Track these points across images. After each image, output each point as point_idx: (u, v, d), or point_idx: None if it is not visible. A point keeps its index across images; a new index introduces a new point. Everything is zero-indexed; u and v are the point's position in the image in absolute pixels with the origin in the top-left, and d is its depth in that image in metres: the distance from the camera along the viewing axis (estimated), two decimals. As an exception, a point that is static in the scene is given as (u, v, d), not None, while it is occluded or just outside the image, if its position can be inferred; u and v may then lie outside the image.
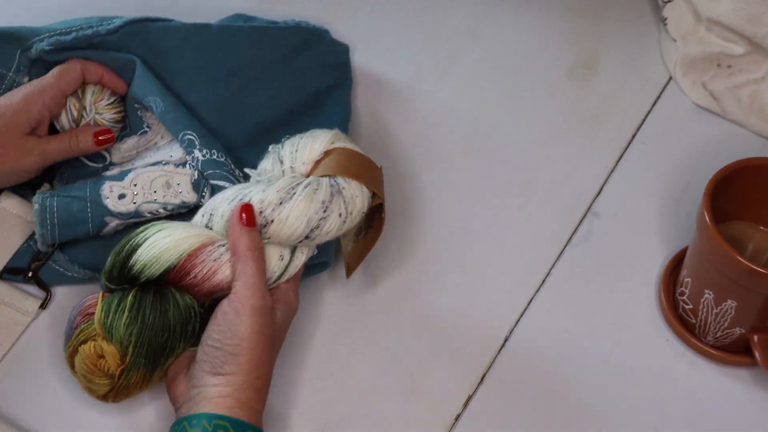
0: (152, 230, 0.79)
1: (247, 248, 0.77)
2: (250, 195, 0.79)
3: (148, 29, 0.93)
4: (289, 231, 0.79)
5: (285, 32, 0.97)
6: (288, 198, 0.78)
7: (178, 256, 0.78)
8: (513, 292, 0.89)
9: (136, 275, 0.78)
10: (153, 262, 0.77)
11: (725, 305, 0.81)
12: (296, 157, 0.83)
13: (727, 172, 0.82)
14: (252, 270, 0.76)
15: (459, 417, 0.83)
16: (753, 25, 0.94)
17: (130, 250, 0.78)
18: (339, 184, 0.81)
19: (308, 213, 0.79)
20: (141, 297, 0.77)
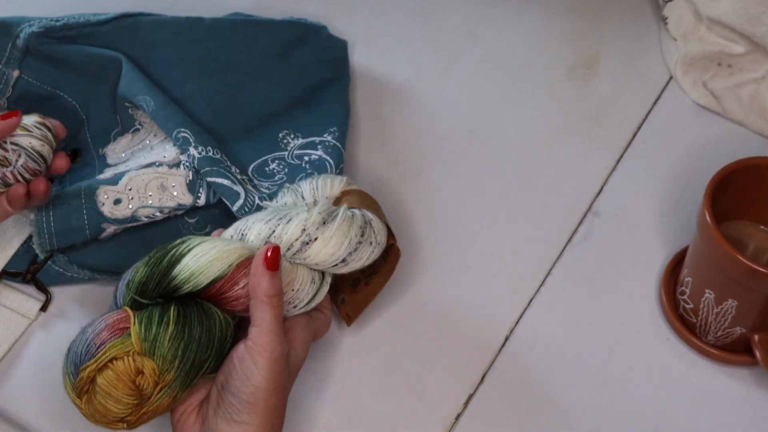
0: (195, 241, 0.75)
1: (266, 294, 0.73)
2: (290, 215, 0.78)
3: (140, 22, 0.93)
4: (332, 250, 0.78)
5: (281, 26, 0.97)
6: (330, 219, 0.78)
7: (228, 266, 0.74)
8: (513, 292, 0.89)
9: (177, 287, 0.74)
10: (201, 272, 0.74)
11: (726, 305, 0.81)
12: (318, 193, 0.83)
13: (728, 172, 0.82)
14: (270, 316, 0.73)
15: (459, 416, 0.83)
16: (753, 25, 0.94)
17: (172, 261, 0.74)
18: (367, 215, 0.81)
19: (349, 235, 0.78)
20: (185, 310, 0.73)
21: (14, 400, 0.83)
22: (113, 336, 0.71)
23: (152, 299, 0.74)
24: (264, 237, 0.77)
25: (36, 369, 0.84)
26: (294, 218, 0.78)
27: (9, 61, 0.91)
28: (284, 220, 0.78)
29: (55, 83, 0.93)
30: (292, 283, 0.77)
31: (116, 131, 0.93)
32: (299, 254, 0.77)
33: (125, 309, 0.73)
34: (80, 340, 0.72)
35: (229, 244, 0.76)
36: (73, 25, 0.92)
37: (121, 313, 0.73)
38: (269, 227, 0.77)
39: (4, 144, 0.80)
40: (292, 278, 0.77)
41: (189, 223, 0.88)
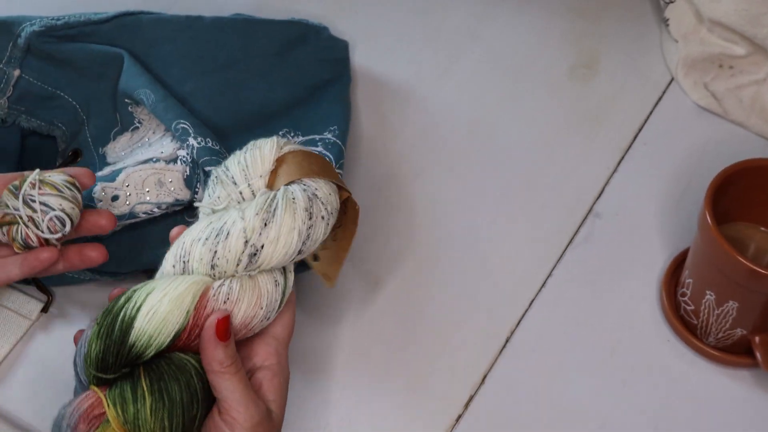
0: (140, 295, 0.68)
1: (223, 365, 0.67)
2: (226, 228, 0.71)
3: (141, 21, 0.93)
4: (284, 251, 0.72)
5: (282, 25, 0.97)
6: (271, 217, 0.71)
7: (186, 314, 0.68)
8: (514, 293, 0.89)
9: (139, 354, 0.67)
10: (160, 331, 0.68)
11: (727, 306, 0.81)
12: (249, 173, 0.75)
13: (729, 173, 0.82)
14: (235, 384, 0.67)
15: (460, 418, 0.83)
16: (754, 26, 0.94)
17: (124, 327, 0.67)
18: (310, 186, 0.74)
19: (296, 225, 0.72)
20: (155, 374, 0.67)
21: (15, 400, 0.83)
22: (91, 427, 0.66)
23: (116, 371, 0.68)
24: (207, 262, 0.71)
25: (37, 370, 0.84)
26: (231, 229, 0.71)
27: (10, 61, 0.91)
28: (222, 235, 0.71)
29: (56, 83, 0.92)
30: (259, 301, 0.71)
31: (116, 130, 0.93)
32: (250, 266, 0.71)
33: (93, 390, 0.67)
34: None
35: (177, 285, 0.69)
36: (74, 24, 0.92)
37: (90, 397, 0.67)
38: (209, 249, 0.71)
39: (33, 203, 0.76)
40: (256, 295, 0.71)
41: (189, 222, 0.88)
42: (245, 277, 0.72)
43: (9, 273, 0.76)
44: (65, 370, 0.83)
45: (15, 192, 0.76)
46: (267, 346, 0.72)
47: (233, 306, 0.70)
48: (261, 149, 0.76)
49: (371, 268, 0.89)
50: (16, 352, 0.85)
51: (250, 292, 0.71)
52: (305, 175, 0.75)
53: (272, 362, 0.72)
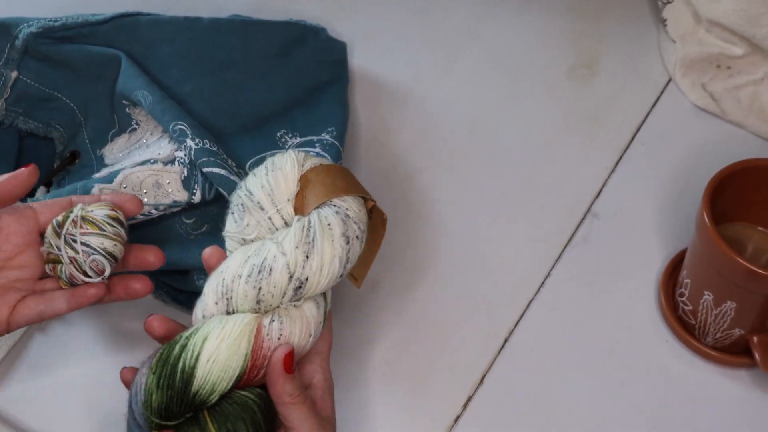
0: (196, 342, 0.68)
1: (292, 396, 0.69)
2: (268, 264, 0.71)
3: (139, 22, 0.93)
4: (327, 279, 0.72)
5: (280, 27, 0.97)
6: (311, 249, 0.71)
7: (245, 358, 0.69)
8: (513, 293, 0.89)
9: (204, 401, 0.68)
10: (222, 378, 0.68)
11: (725, 306, 0.81)
12: (274, 197, 0.74)
13: (727, 173, 0.82)
14: (306, 413, 0.69)
15: (459, 418, 0.83)
16: (752, 26, 0.94)
17: (186, 377, 0.67)
18: (341, 208, 0.73)
19: (337, 253, 0.72)
20: (221, 417, 0.68)
21: (14, 402, 0.83)
22: None
23: (180, 418, 0.68)
24: (252, 298, 0.71)
25: (35, 371, 0.84)
26: (273, 265, 0.71)
27: (7, 62, 0.91)
28: (265, 271, 0.70)
29: (54, 85, 0.92)
30: (307, 329, 0.72)
31: (113, 132, 0.93)
32: (295, 297, 0.72)
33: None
34: None
35: (231, 328, 0.69)
36: (72, 25, 0.92)
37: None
38: (253, 286, 0.71)
39: (74, 243, 0.75)
40: (304, 324, 0.72)
41: (186, 224, 0.88)
42: (291, 307, 0.72)
43: (56, 308, 0.76)
44: (64, 371, 0.84)
45: (57, 230, 0.76)
46: (311, 364, 0.73)
47: (287, 342, 0.70)
48: (283, 170, 0.75)
49: (371, 269, 0.89)
50: (14, 353, 0.85)
51: (298, 322, 0.71)
52: (333, 194, 0.74)
53: (319, 378, 0.73)
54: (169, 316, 0.76)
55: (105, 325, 0.87)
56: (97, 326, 0.86)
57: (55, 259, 0.76)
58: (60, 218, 0.76)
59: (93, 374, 0.84)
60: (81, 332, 0.86)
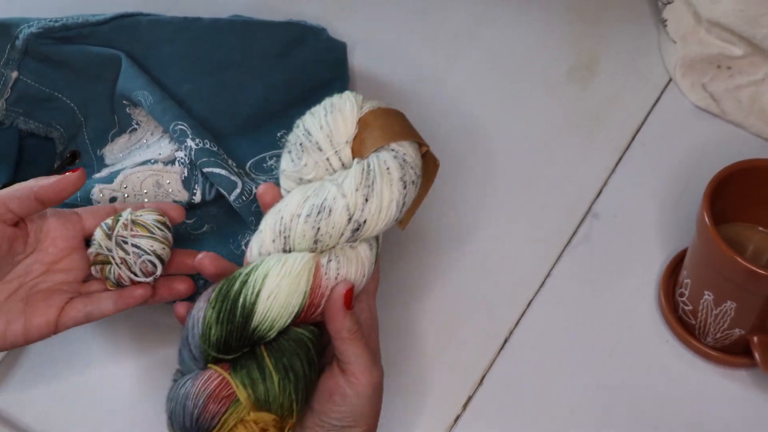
0: (257, 278, 0.70)
1: (350, 331, 0.71)
2: (328, 204, 0.72)
3: (139, 22, 0.93)
4: (384, 222, 0.73)
5: (280, 27, 0.97)
6: (371, 192, 0.72)
7: (303, 295, 0.70)
8: (513, 293, 0.89)
9: (262, 336, 0.70)
10: (281, 314, 0.70)
11: (725, 306, 0.81)
12: (334, 139, 0.75)
13: (727, 174, 0.82)
14: (362, 349, 0.72)
15: (459, 418, 0.83)
16: (752, 27, 0.94)
17: (246, 313, 0.69)
18: (399, 152, 0.74)
19: (395, 197, 0.73)
20: (277, 352, 0.70)
21: (14, 402, 0.83)
22: (222, 407, 0.68)
23: (237, 352, 0.70)
24: (310, 238, 0.72)
25: (36, 371, 0.84)
26: (333, 206, 0.72)
27: (8, 63, 0.91)
28: (324, 212, 0.72)
29: (54, 85, 0.93)
30: (362, 269, 0.73)
31: (114, 132, 0.93)
32: (352, 239, 0.73)
33: (215, 369, 0.69)
34: (183, 412, 0.69)
35: (291, 265, 0.71)
36: (72, 26, 0.92)
37: (213, 377, 0.69)
38: (311, 226, 0.72)
39: (125, 245, 0.76)
40: (360, 264, 0.73)
41: (187, 224, 0.88)
42: (347, 247, 0.73)
43: (103, 309, 0.77)
44: (64, 371, 0.84)
45: (108, 232, 0.77)
46: (359, 302, 0.75)
47: (343, 279, 0.72)
48: (342, 111, 0.75)
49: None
50: (14, 353, 0.85)
51: (354, 262, 0.73)
52: (390, 139, 0.75)
53: (366, 316, 0.75)
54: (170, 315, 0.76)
55: (106, 325, 0.86)
56: (97, 327, 0.86)
57: (103, 260, 0.77)
58: (110, 221, 0.77)
59: (94, 375, 0.84)
60: (82, 333, 0.86)
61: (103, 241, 0.77)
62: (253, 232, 0.84)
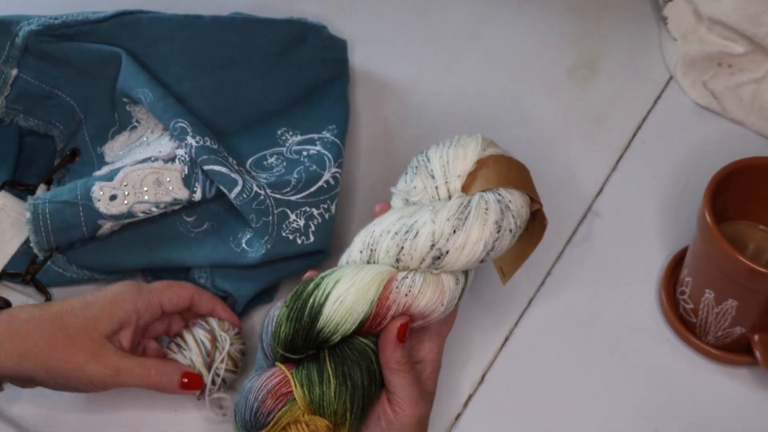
0: (328, 283, 0.72)
1: (399, 363, 0.73)
2: (417, 227, 0.73)
3: (139, 20, 0.93)
4: (467, 258, 0.74)
5: (281, 25, 0.97)
6: (461, 225, 0.73)
7: (370, 305, 0.72)
8: (513, 291, 0.89)
9: (326, 339, 0.72)
10: (346, 320, 0.72)
11: (726, 305, 0.81)
12: (449, 170, 0.77)
13: (728, 172, 0.82)
14: (408, 381, 0.73)
15: (459, 416, 0.83)
16: (753, 25, 0.94)
17: (314, 313, 0.71)
18: (504, 198, 0.75)
19: (484, 237, 0.73)
20: (339, 359, 0.72)
21: (15, 401, 0.83)
22: (278, 403, 0.71)
23: (303, 353, 0.72)
24: (393, 255, 0.73)
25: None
26: (421, 230, 0.73)
27: (8, 60, 0.91)
28: (411, 233, 0.73)
29: (54, 82, 0.92)
30: (441, 297, 0.74)
31: (114, 129, 0.93)
32: (433, 266, 0.74)
33: (280, 368, 0.72)
34: (245, 405, 0.71)
35: (363, 275, 0.73)
36: (72, 23, 0.92)
37: (277, 375, 0.71)
38: (396, 243, 0.73)
39: (216, 377, 0.80)
40: (439, 291, 0.74)
41: (187, 222, 0.88)
42: (429, 272, 0.74)
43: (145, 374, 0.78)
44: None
45: (206, 358, 0.80)
46: (431, 342, 0.77)
47: (414, 299, 0.73)
48: (465, 147, 0.77)
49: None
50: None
51: (433, 287, 0.74)
52: (503, 184, 0.76)
53: (433, 357, 0.77)
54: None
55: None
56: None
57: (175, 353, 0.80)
58: (208, 345, 0.80)
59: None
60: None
61: (197, 360, 0.79)
62: (253, 229, 0.84)
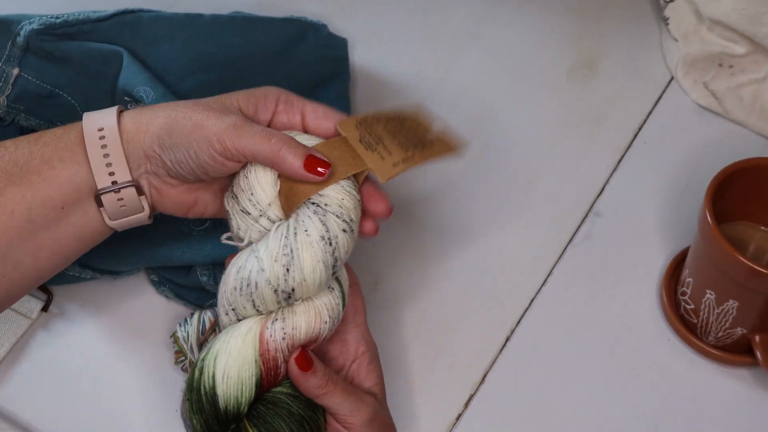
0: (209, 363, 0.70)
1: (320, 388, 0.71)
2: (253, 278, 0.70)
3: (140, 19, 0.93)
4: (316, 284, 0.70)
5: (281, 24, 0.97)
6: (290, 260, 0.69)
7: (255, 364, 0.70)
8: (514, 292, 0.89)
9: (238, 413, 0.70)
10: (241, 390, 0.70)
11: (727, 305, 0.81)
12: (257, 201, 0.72)
13: (729, 173, 0.82)
14: (339, 397, 0.71)
15: (460, 417, 0.83)
16: (754, 25, 0.94)
17: (211, 399, 0.69)
18: (319, 205, 0.70)
19: (319, 258, 0.69)
20: (259, 421, 0.70)
21: (15, 400, 0.83)
22: None
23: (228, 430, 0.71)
24: (251, 308, 0.71)
25: (37, 369, 0.84)
26: (258, 280, 0.70)
27: (9, 59, 0.91)
28: (252, 286, 0.70)
29: (55, 82, 0.92)
30: (319, 318, 0.71)
31: None
32: (291, 302, 0.71)
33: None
34: None
35: (234, 342, 0.70)
36: (73, 22, 0.91)
37: None
38: (246, 299, 0.71)
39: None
40: (313, 314, 0.71)
41: (188, 220, 0.88)
42: (294, 306, 0.71)
43: None
44: (65, 368, 0.83)
45: (200, 326, 0.79)
46: (354, 337, 0.75)
47: (293, 338, 0.71)
48: (256, 177, 0.72)
49: (371, 268, 0.89)
50: (16, 350, 0.85)
51: (304, 316, 0.71)
52: (307, 193, 0.71)
53: (364, 349, 0.75)
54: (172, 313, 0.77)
55: (106, 321, 0.86)
56: (98, 323, 0.86)
57: (181, 355, 0.80)
58: (207, 325, 0.79)
59: (94, 371, 0.84)
60: (82, 329, 0.86)
61: (192, 334, 0.79)
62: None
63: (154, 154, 0.72)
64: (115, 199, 0.72)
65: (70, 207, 0.72)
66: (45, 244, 0.72)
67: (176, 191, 0.74)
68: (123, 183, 0.72)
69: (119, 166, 0.72)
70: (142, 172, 0.73)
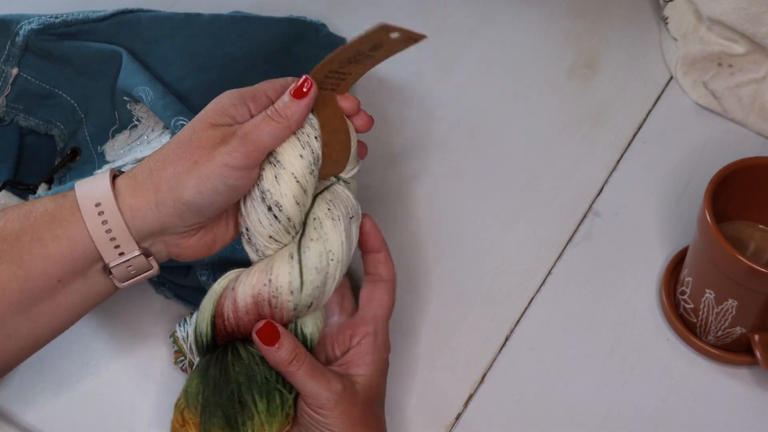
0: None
1: (284, 364, 0.72)
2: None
3: (139, 18, 0.93)
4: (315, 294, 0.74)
5: (280, 23, 0.97)
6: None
7: (213, 305, 0.74)
8: (514, 291, 0.89)
9: (209, 340, 0.75)
10: (203, 319, 0.74)
11: (726, 305, 0.81)
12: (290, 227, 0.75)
13: (728, 172, 0.82)
14: (302, 377, 0.72)
15: (460, 416, 0.83)
16: (753, 25, 0.94)
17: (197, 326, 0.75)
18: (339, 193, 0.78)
19: (340, 237, 0.74)
20: (209, 359, 0.74)
21: (15, 400, 0.83)
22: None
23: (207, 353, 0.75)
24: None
25: (37, 369, 0.84)
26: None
27: (8, 59, 0.91)
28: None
29: (54, 81, 0.92)
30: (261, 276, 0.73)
31: (114, 128, 0.93)
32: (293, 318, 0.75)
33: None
34: None
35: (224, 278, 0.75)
36: (73, 22, 0.92)
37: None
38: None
39: None
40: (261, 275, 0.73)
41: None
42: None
43: None
44: (65, 368, 0.83)
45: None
46: (366, 327, 0.77)
47: (236, 290, 0.73)
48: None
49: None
50: (14, 350, 0.85)
51: (257, 274, 0.73)
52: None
53: (368, 341, 0.76)
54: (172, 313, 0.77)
55: (107, 322, 0.86)
56: (99, 323, 0.86)
57: (181, 355, 0.83)
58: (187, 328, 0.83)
59: (95, 372, 0.84)
60: (83, 329, 0.86)
61: (191, 333, 0.81)
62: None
63: (173, 223, 0.72)
64: (124, 267, 0.72)
65: (68, 279, 0.71)
66: (43, 313, 0.72)
67: (195, 239, 0.75)
68: (131, 255, 0.72)
69: (126, 242, 0.71)
70: (152, 243, 0.73)
